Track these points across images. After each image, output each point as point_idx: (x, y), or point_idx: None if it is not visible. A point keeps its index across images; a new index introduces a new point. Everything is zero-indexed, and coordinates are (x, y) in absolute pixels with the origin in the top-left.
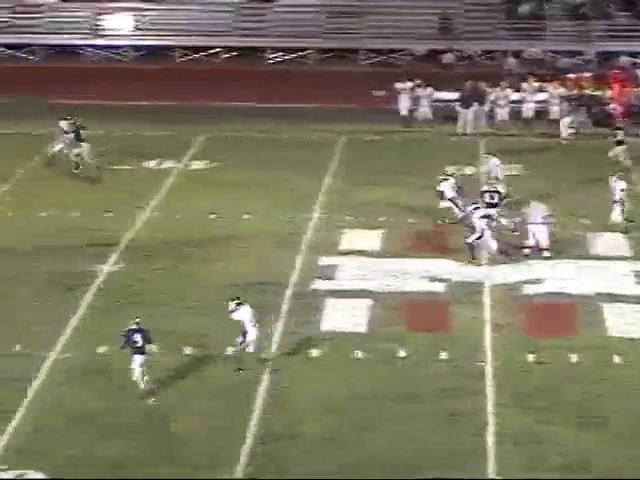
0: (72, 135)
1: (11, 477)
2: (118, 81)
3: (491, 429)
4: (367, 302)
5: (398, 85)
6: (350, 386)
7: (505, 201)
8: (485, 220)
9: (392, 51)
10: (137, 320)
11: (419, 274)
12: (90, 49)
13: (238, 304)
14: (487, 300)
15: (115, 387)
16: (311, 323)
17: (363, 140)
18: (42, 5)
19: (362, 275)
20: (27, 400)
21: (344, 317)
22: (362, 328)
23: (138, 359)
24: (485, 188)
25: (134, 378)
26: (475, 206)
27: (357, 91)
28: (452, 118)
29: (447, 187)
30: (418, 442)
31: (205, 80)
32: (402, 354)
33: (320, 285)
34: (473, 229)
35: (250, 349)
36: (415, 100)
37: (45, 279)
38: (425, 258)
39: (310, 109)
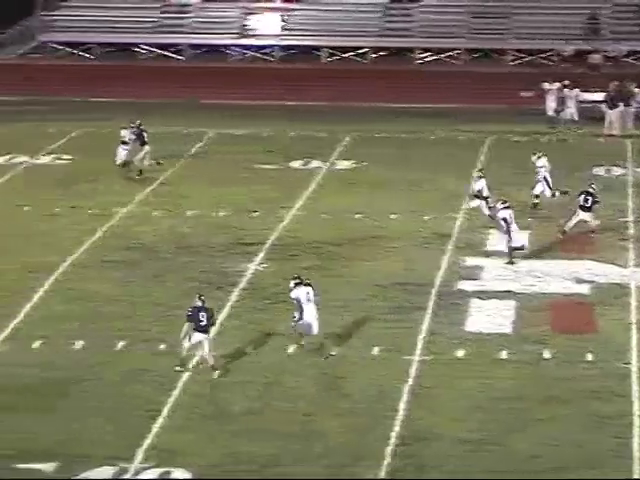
0: (134, 140)
1: (156, 476)
2: (265, 81)
3: (637, 431)
4: (512, 303)
5: (545, 86)
6: (494, 387)
7: (596, 205)
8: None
9: (540, 51)
10: (202, 297)
11: (564, 275)
12: (237, 49)
13: (297, 284)
14: (633, 302)
15: (260, 386)
16: (456, 324)
17: (510, 140)
18: (190, 5)
19: (507, 276)
20: (172, 399)
21: (489, 318)
22: (507, 329)
23: (199, 337)
24: (584, 189)
25: (184, 353)
26: (504, 205)
27: (504, 91)
28: (598, 119)
29: (482, 185)
30: (563, 444)
31: (352, 80)
32: (547, 355)
33: (465, 286)
34: (506, 231)
35: (309, 330)
36: (562, 101)
37: (191, 278)
38: (570, 259)
39: (457, 109)
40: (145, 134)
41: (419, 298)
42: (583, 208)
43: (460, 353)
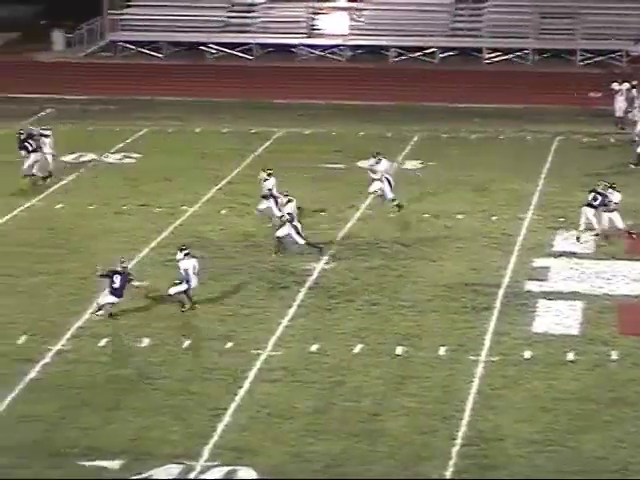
0: (19, 148)
1: (221, 475)
2: (333, 80)
3: None
4: (579, 304)
5: (614, 86)
6: (560, 388)
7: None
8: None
9: (609, 52)
10: (124, 263)
11: (631, 276)
12: (305, 48)
13: (186, 254)
14: None
15: (325, 385)
16: (523, 324)
17: (578, 141)
18: (258, 5)
19: (575, 277)
20: (238, 397)
21: (556, 319)
22: (574, 330)
23: (110, 299)
24: (596, 188)
25: (99, 304)
26: (288, 199)
27: (573, 92)
28: None
29: (272, 183)
30: (629, 446)
31: (420, 80)
32: (614, 357)
33: (533, 286)
34: (283, 224)
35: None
36: (631, 101)
37: (258, 276)
38: (637, 260)
39: (525, 109)
40: (28, 143)
41: (486, 298)
42: (589, 205)
43: (527, 354)
